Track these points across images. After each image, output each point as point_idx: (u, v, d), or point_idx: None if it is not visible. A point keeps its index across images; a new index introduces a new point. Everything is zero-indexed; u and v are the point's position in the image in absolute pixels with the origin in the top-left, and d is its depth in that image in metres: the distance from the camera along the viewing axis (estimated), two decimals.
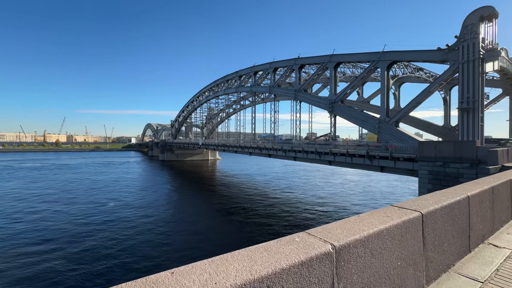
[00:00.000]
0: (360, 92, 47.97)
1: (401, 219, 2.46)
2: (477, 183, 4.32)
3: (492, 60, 20.38)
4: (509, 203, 4.84)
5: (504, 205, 4.62)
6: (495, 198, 4.26)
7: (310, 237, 2.04)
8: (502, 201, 4.54)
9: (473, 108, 20.88)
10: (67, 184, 46.02)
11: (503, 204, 4.57)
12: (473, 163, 17.51)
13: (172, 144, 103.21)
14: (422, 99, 25.94)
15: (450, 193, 3.55)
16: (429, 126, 37.99)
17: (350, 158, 28.95)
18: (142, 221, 25.10)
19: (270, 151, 44.12)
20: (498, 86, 31.91)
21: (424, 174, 20.55)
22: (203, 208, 32.32)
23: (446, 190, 3.75)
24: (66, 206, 30.43)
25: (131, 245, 19.25)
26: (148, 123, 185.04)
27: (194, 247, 19.33)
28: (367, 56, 30.11)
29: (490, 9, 20.66)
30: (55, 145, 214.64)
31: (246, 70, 56.98)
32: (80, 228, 22.60)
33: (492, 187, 4.19)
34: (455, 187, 3.92)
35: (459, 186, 4.07)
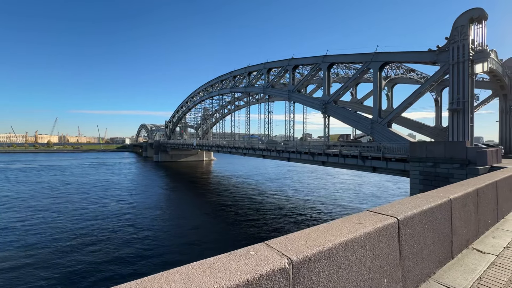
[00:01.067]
0: (353, 93, 48.21)
1: (373, 227, 2.25)
2: (461, 185, 4.16)
3: (482, 61, 20.58)
4: (495, 205, 4.70)
5: (489, 207, 4.48)
6: (480, 201, 4.10)
7: (267, 250, 1.80)
8: (487, 203, 4.40)
9: (463, 109, 21.04)
10: (51, 187, 44.41)
11: (488, 206, 4.42)
12: (463, 163, 17.59)
13: (166, 145, 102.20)
14: (414, 100, 26.09)
15: (432, 196, 3.37)
16: (421, 127, 38.35)
17: (343, 158, 28.94)
18: (125, 225, 23.95)
19: (264, 152, 43.92)
20: (488, 87, 32.36)
21: (415, 174, 20.60)
22: (192, 210, 31.79)
23: (428, 192, 3.57)
24: (45, 210, 29.10)
25: (107, 251, 18.58)
26: (142, 124, 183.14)
27: (174, 252, 18.93)
28: (360, 57, 30.19)
29: (480, 11, 20.89)
30: (46, 145, 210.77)
31: (240, 71, 56.75)
32: (54, 233, 21.59)
33: (477, 189, 4.04)
34: (438, 190, 3.75)
35: (442, 188, 3.90)
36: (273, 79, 46.78)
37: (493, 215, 4.60)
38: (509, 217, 5.15)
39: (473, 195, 3.88)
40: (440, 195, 3.42)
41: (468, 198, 3.74)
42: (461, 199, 3.54)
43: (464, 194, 3.66)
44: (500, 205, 4.96)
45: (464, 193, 3.64)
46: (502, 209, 5.07)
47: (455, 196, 3.41)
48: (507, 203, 5.31)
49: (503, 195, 5.14)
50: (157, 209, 30.92)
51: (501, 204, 5.00)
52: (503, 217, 5.11)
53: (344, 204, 33.82)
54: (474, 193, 3.92)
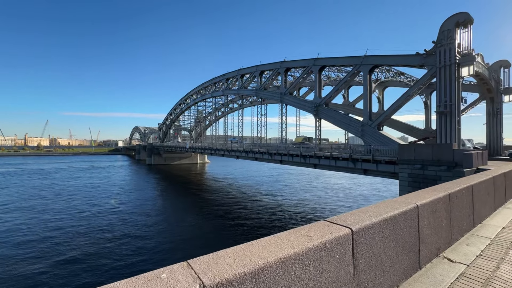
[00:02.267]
0: (345, 96, 48.54)
1: (321, 240, 2.02)
2: (434, 190, 3.99)
3: (468, 65, 20.87)
4: (470, 210, 4.55)
5: (464, 212, 4.32)
6: (452, 206, 3.94)
7: (184, 272, 1.55)
8: (461, 208, 4.24)
9: (450, 112, 21.25)
10: (31, 191, 42.65)
11: (463, 211, 4.26)
12: (450, 165, 17.68)
13: (159, 147, 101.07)
14: (403, 102, 26.30)
15: (398, 202, 3.17)
16: (411, 129, 38.77)
17: (334, 161, 28.91)
18: (102, 235, 22.27)
19: (256, 154, 43.69)
20: (475, 91, 32.93)
21: (404, 176, 20.65)
22: (181, 216, 31.23)
23: (397, 198, 3.37)
24: (20, 216, 27.91)
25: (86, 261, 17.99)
26: (136, 127, 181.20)
27: (151, 259, 18.48)
28: (350, 60, 30.38)
29: (465, 15, 21.23)
30: (36, 148, 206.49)
31: (233, 73, 56.62)
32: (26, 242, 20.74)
33: (449, 194, 3.87)
34: (407, 196, 3.56)
35: (412, 194, 3.72)
36: (266, 82, 46.75)
37: (468, 220, 4.45)
38: (486, 222, 5.02)
39: (444, 200, 3.71)
40: (408, 201, 3.23)
41: (439, 203, 3.56)
42: (430, 205, 3.35)
43: (434, 199, 3.47)
44: (477, 210, 4.81)
45: (434, 199, 3.46)
46: (479, 213, 4.93)
47: (423, 202, 3.22)
48: (484, 208, 5.18)
49: (480, 199, 5.01)
50: (139, 215, 29.70)
51: (478, 208, 4.86)
52: (480, 222, 4.97)
53: (331, 207, 33.77)
54: (445, 198, 3.74)
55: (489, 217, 5.31)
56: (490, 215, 5.40)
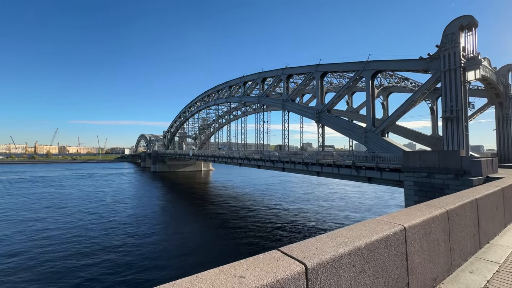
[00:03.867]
0: (349, 102, 47.86)
1: (258, 283, 1.49)
2: (429, 206, 3.40)
3: (474, 69, 20.13)
4: (475, 229, 3.92)
5: (467, 232, 3.69)
6: (452, 225, 3.33)
7: None
8: (464, 227, 3.62)
9: (457, 117, 20.40)
10: (25, 200, 42.04)
11: (465, 231, 3.64)
12: (458, 173, 16.77)
13: (164, 155, 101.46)
14: (407, 108, 25.55)
15: (382, 223, 2.61)
16: (417, 136, 37.72)
17: (337, 168, 28.10)
18: (88, 249, 21.03)
19: (258, 162, 43.11)
20: (483, 95, 31.89)
21: (409, 185, 19.73)
22: (180, 225, 30.67)
23: (380, 218, 2.81)
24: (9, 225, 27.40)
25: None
26: (142, 134, 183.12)
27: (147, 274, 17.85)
28: (352, 65, 29.93)
29: (469, 18, 20.64)
30: (45, 156, 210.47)
31: (236, 81, 56.80)
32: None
33: (448, 210, 3.27)
34: (394, 214, 2.99)
35: (402, 211, 3.14)
36: (268, 89, 46.58)
37: (473, 241, 3.81)
38: (495, 242, 4.35)
39: (441, 218, 3.12)
40: (394, 221, 2.66)
41: (434, 223, 2.98)
42: (423, 226, 2.77)
43: (428, 218, 2.89)
44: (483, 228, 4.17)
45: (427, 218, 2.88)
46: (486, 232, 4.28)
47: (413, 223, 2.65)
48: (492, 224, 4.52)
49: (487, 214, 4.36)
50: (135, 226, 29.03)
51: (485, 226, 4.21)
52: (488, 241, 4.30)
53: (331, 218, 32.67)
54: (443, 216, 3.15)
55: (498, 235, 4.64)
56: (499, 233, 4.72)
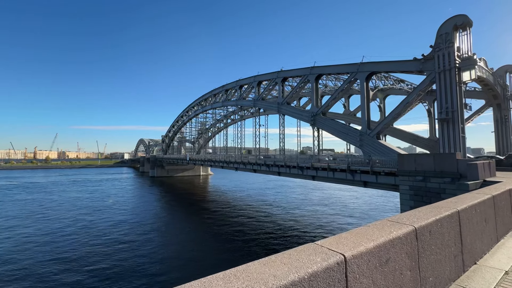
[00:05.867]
0: (346, 105, 47.38)
1: None
2: (394, 223, 2.72)
3: (469, 69, 19.56)
4: (457, 248, 3.21)
5: (445, 253, 2.99)
6: (423, 248, 2.65)
7: None
8: (440, 248, 2.92)
9: (453, 119, 19.76)
10: (7, 207, 40.88)
11: (443, 252, 2.94)
12: (454, 177, 16.05)
13: (162, 160, 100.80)
14: (402, 110, 24.97)
15: (317, 252, 1.94)
16: (415, 139, 37.08)
17: (332, 172, 27.39)
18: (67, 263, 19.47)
19: (254, 166, 42.43)
20: (481, 97, 31.32)
21: (405, 189, 18.99)
22: (173, 234, 29.85)
23: (312, 247, 2.13)
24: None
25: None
26: (141, 139, 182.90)
27: None
28: (346, 67, 29.45)
29: (464, 17, 20.17)
30: (44, 161, 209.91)
31: (232, 84, 56.48)
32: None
33: (416, 229, 2.59)
34: (331, 239, 2.30)
35: (347, 234, 2.46)
36: (263, 92, 46.14)
37: (454, 264, 3.10)
38: (483, 262, 3.64)
39: (406, 240, 2.44)
40: (331, 249, 1.98)
41: (393, 248, 2.30)
42: (374, 254, 2.10)
43: (383, 242, 2.22)
44: (468, 246, 3.46)
45: (382, 242, 2.20)
46: (473, 250, 3.57)
47: (356, 251, 1.97)
48: (481, 240, 3.81)
49: (473, 229, 3.67)
50: (123, 234, 28.38)
51: (469, 244, 3.51)
52: (475, 262, 3.59)
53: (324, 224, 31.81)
54: (408, 237, 2.47)
55: (488, 254, 3.93)
56: (489, 250, 4.01)
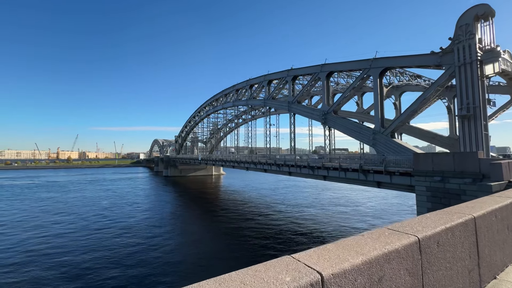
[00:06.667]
0: (359, 103, 45.98)
1: None
2: (391, 233, 2.32)
3: (492, 62, 18.20)
4: (472, 262, 2.74)
5: (457, 269, 2.55)
6: (429, 261, 2.24)
7: None
8: (451, 262, 2.47)
9: (475, 115, 18.47)
10: (24, 205, 42.26)
11: (454, 268, 2.49)
12: (476, 177, 14.97)
13: (175, 159, 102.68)
14: (419, 107, 23.75)
15: (328, 250, 1.62)
16: (433, 137, 35.32)
17: (344, 172, 26.57)
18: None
19: (264, 166, 42.14)
20: (506, 92, 29.24)
21: (421, 190, 17.98)
22: (186, 233, 30.07)
23: (282, 263, 1.80)
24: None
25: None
26: (155, 139, 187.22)
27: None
28: (358, 64, 28.44)
29: (485, 7, 18.80)
30: (66, 161, 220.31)
31: (242, 84, 56.39)
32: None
33: (419, 240, 2.19)
34: (309, 252, 1.97)
35: (333, 245, 2.10)
36: (273, 91, 45.67)
37: (468, 280, 2.63)
38: (506, 276, 3.11)
39: (406, 254, 2.05)
40: (313, 265, 1.65)
41: (389, 262, 1.92)
42: (363, 272, 1.74)
43: (376, 256, 1.85)
44: (486, 259, 2.95)
45: (375, 256, 1.84)
46: (492, 263, 3.04)
47: (337, 269, 1.63)
48: (502, 251, 3.24)
49: (493, 238, 3.13)
50: (132, 235, 28.84)
51: (488, 256, 2.99)
52: (495, 276, 3.07)
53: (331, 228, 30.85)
54: (408, 250, 2.09)
55: (511, 265, 3.40)
56: (511, 262, 3.49)
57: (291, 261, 1.74)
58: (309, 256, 1.83)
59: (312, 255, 1.84)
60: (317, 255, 1.84)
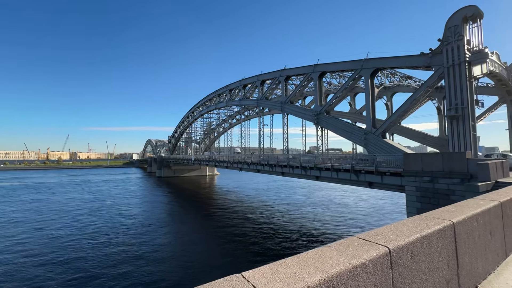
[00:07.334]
0: (352, 103, 46.25)
1: None
2: (364, 241, 2.13)
3: (480, 63, 18.41)
4: (451, 271, 2.56)
5: (433, 280, 2.37)
6: (401, 274, 2.05)
7: None
8: (426, 273, 2.29)
9: (463, 116, 18.65)
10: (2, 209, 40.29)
11: (430, 279, 2.31)
12: (464, 178, 15.07)
13: (168, 160, 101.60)
14: (409, 107, 23.90)
15: (284, 267, 1.39)
16: (424, 137, 35.73)
17: (336, 173, 26.57)
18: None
19: (257, 166, 41.92)
20: (494, 93, 29.78)
21: (411, 190, 18.05)
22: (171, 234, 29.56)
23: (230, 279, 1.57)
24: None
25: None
26: (148, 140, 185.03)
27: None
28: (350, 64, 28.53)
29: (474, 8, 19.02)
30: (56, 162, 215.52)
31: (236, 84, 56.11)
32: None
33: (390, 251, 2.00)
34: (263, 266, 1.75)
35: (294, 258, 1.89)
36: (267, 91, 45.55)
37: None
38: (488, 284, 2.96)
39: (374, 267, 1.85)
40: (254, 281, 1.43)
41: (354, 279, 1.72)
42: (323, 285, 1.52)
43: (338, 273, 1.64)
44: (466, 267, 2.79)
45: (335, 273, 1.63)
46: (473, 272, 2.87)
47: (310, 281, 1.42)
48: (484, 258, 3.08)
49: (474, 245, 2.97)
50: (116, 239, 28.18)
51: (468, 263, 2.83)
52: (475, 285, 2.93)
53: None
54: (376, 263, 1.89)
55: (494, 273, 3.25)
56: (495, 269, 3.33)
57: (239, 282, 1.51)
58: (262, 274, 1.60)
59: (266, 273, 1.62)
60: (271, 273, 1.62)
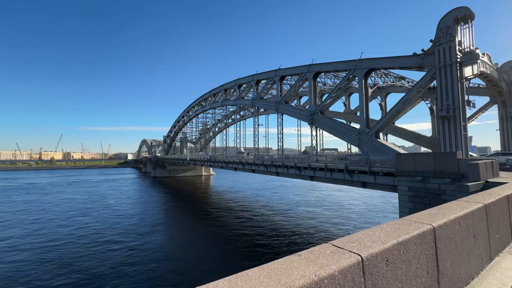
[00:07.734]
0: (347, 104, 46.49)
1: None
2: (336, 250, 2.03)
3: (471, 64, 18.60)
4: (431, 278, 2.49)
5: (412, 287, 2.28)
6: (375, 284, 1.95)
7: None
8: (402, 281, 2.22)
9: (454, 116, 18.82)
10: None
11: (410, 285, 2.24)
12: (455, 177, 15.17)
13: (164, 160, 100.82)
14: (402, 108, 24.04)
15: (245, 279, 1.26)
16: (417, 137, 36.08)
17: (330, 172, 26.59)
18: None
19: (252, 166, 41.80)
20: (485, 94, 30.17)
21: (403, 190, 18.13)
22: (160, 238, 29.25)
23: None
24: None
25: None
26: (144, 139, 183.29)
27: None
28: (344, 64, 28.59)
29: (465, 9, 19.20)
30: (49, 162, 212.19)
31: (231, 84, 55.91)
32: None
33: (362, 259, 1.89)
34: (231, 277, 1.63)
35: (267, 266, 1.78)
36: (262, 91, 45.46)
37: None
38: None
39: (345, 278, 1.75)
40: None
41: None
42: None
43: (304, 285, 1.53)
44: (448, 273, 2.69)
45: (300, 286, 1.52)
46: (455, 277, 2.78)
47: None
48: (467, 263, 3.01)
49: (456, 249, 2.89)
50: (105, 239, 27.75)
51: (450, 269, 2.74)
52: None
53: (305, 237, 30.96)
54: (346, 273, 1.79)
55: (477, 278, 3.18)
56: (478, 274, 3.27)
57: None
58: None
59: (224, 287, 1.49)
60: (228, 287, 1.49)
